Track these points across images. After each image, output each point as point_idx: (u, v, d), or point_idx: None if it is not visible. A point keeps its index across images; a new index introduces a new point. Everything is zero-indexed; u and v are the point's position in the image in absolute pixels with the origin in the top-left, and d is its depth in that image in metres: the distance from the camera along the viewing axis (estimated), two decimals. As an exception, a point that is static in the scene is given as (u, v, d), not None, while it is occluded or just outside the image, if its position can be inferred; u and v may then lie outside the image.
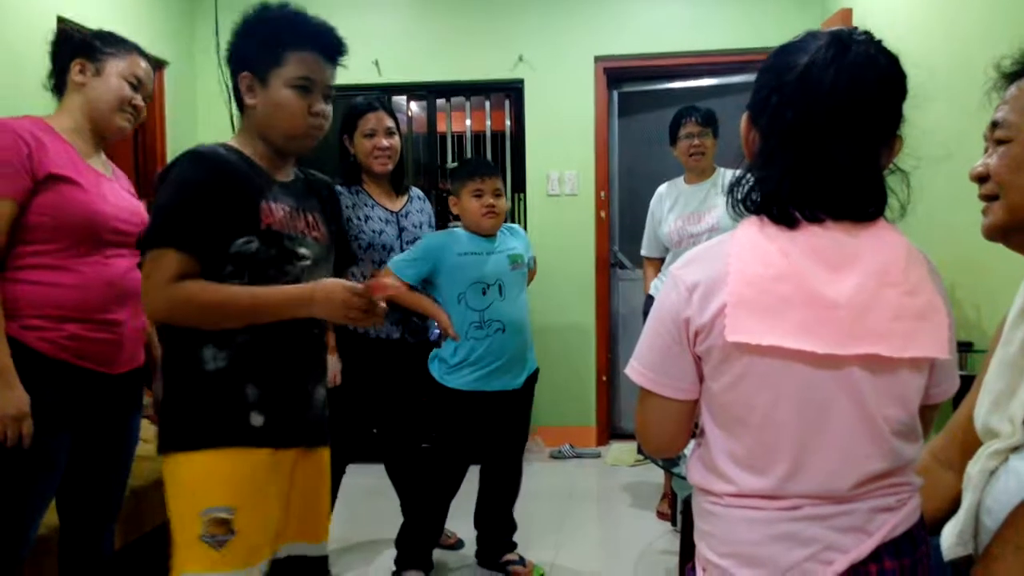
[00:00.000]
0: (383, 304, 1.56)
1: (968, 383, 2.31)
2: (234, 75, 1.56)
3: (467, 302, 2.53)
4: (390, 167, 2.77)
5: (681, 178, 3.39)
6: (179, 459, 1.47)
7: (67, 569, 1.92)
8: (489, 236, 2.61)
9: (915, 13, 3.00)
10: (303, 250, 1.57)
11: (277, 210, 1.53)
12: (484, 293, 2.53)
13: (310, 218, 1.63)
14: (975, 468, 1.14)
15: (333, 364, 2.68)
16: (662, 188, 3.45)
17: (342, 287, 1.51)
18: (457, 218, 2.72)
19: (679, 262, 1.08)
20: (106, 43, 1.91)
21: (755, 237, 1.01)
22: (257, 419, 1.50)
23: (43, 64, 1.94)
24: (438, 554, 2.93)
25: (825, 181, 1.01)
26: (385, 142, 2.73)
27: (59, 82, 1.90)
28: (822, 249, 0.99)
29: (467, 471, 2.63)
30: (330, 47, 1.57)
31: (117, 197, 1.87)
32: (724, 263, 1.00)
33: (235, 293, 1.46)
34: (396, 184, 2.85)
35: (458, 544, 3.07)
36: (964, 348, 2.34)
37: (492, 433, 2.64)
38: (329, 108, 1.60)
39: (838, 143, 1.00)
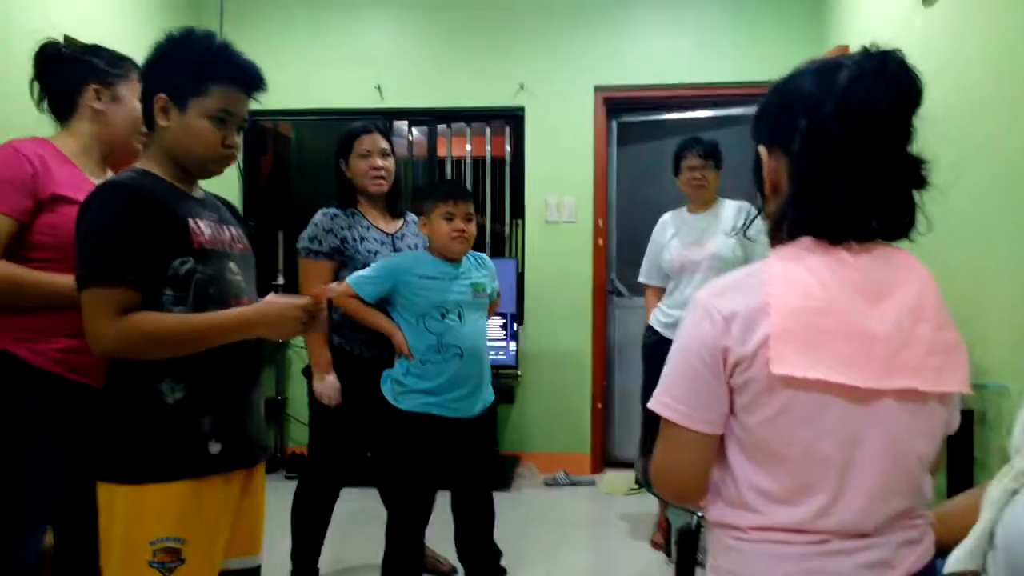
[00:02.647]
0: (323, 311, 1.64)
1: (966, 417, 2.31)
2: (149, 94, 1.55)
3: (426, 325, 2.48)
4: (385, 188, 2.79)
5: (684, 208, 3.43)
6: (128, 490, 1.47)
7: None
8: (454, 261, 2.56)
9: (912, 51, 3.04)
10: (232, 264, 1.61)
11: (204, 227, 1.56)
12: (443, 317, 2.48)
13: (232, 231, 1.66)
14: (996, 489, 1.14)
15: (332, 383, 2.67)
16: (666, 216, 3.49)
17: (293, 305, 1.57)
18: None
19: (708, 291, 1.05)
20: (113, 65, 1.93)
21: (792, 268, 1.00)
22: (215, 447, 1.53)
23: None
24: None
25: (879, 195, 1.01)
26: (380, 162, 2.75)
27: (66, 103, 1.90)
28: (859, 282, 0.99)
29: (434, 495, 2.59)
30: (252, 83, 1.60)
31: None
32: (763, 293, 0.99)
33: (181, 321, 1.48)
34: (392, 207, 2.87)
35: (452, 572, 3.04)
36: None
37: (448, 460, 2.58)
38: (240, 139, 1.63)
39: (889, 155, 1.00)
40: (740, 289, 1.02)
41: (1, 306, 1.73)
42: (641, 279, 3.55)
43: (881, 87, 0.99)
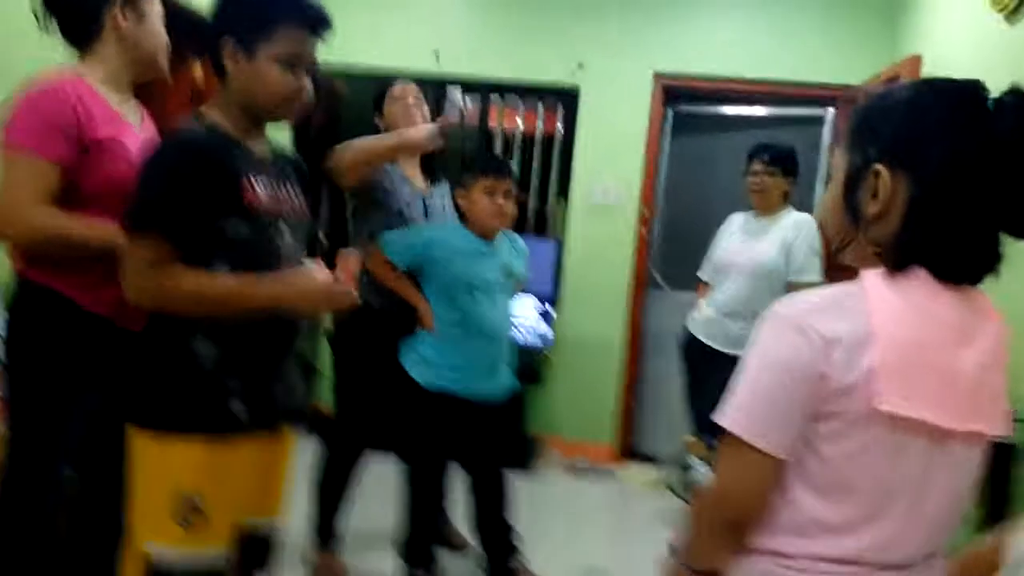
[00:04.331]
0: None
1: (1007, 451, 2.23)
2: (215, 37, 1.51)
3: (452, 299, 2.46)
4: (419, 122, 2.72)
5: (754, 212, 3.40)
6: (156, 438, 1.49)
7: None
8: (489, 238, 2.53)
9: (987, 62, 2.93)
10: (284, 227, 1.59)
11: (258, 187, 1.53)
12: (471, 294, 2.46)
13: (288, 191, 1.64)
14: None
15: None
16: (734, 216, 3.49)
17: (319, 287, 1.53)
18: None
19: (799, 308, 0.99)
20: None
21: (893, 299, 0.96)
22: (238, 406, 1.53)
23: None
24: (447, 557, 2.91)
25: (990, 240, 0.99)
26: (412, 101, 2.72)
27: (87, 27, 1.79)
28: (954, 322, 0.98)
29: (445, 469, 2.58)
30: (319, 23, 1.54)
31: None
32: (866, 320, 0.95)
33: (217, 284, 1.47)
34: (426, 168, 2.83)
35: (464, 546, 3.05)
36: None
37: (462, 438, 2.57)
38: (309, 82, 1.59)
39: (1010, 194, 0.97)
40: (839, 311, 0.97)
41: (55, 258, 1.71)
42: (700, 273, 3.55)
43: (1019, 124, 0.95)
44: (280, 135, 4.49)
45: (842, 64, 4.21)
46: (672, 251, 4.72)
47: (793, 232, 3.17)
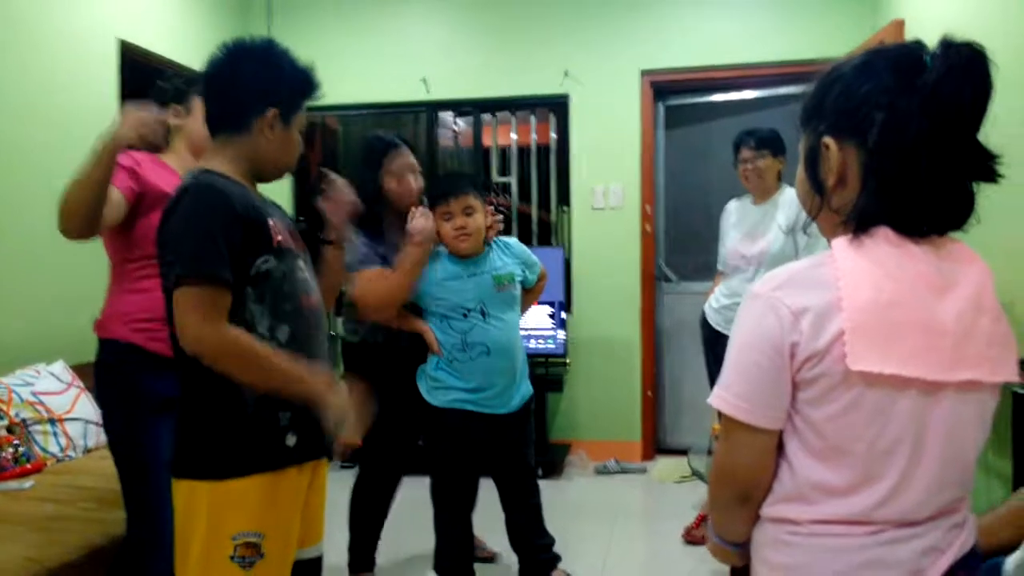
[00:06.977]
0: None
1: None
2: (256, 106, 1.57)
3: (449, 325, 2.49)
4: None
5: (749, 197, 3.41)
6: (209, 486, 1.50)
7: None
8: (469, 258, 2.53)
9: (971, 24, 2.93)
10: (300, 262, 1.65)
11: (280, 226, 1.60)
12: (466, 316, 2.47)
13: (292, 230, 1.71)
14: None
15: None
16: (730, 204, 3.50)
17: (346, 404, 1.62)
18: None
19: (770, 284, 1.02)
20: (189, 84, 2.17)
21: (860, 261, 0.98)
22: (291, 440, 1.56)
23: (105, 85, 2.04)
24: (485, 570, 2.93)
25: (952, 188, 1.00)
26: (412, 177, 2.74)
27: (166, 131, 2.16)
28: (926, 274, 0.98)
29: (475, 486, 2.60)
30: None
31: None
32: (833, 288, 0.97)
33: (268, 355, 1.50)
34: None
35: (493, 558, 3.07)
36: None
37: (484, 453, 2.59)
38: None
39: (966, 149, 0.99)
40: (807, 283, 1.00)
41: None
42: (718, 266, 3.57)
43: (968, 82, 0.97)
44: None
45: (827, 37, 4.22)
46: (678, 243, 4.74)
47: (795, 210, 3.18)
